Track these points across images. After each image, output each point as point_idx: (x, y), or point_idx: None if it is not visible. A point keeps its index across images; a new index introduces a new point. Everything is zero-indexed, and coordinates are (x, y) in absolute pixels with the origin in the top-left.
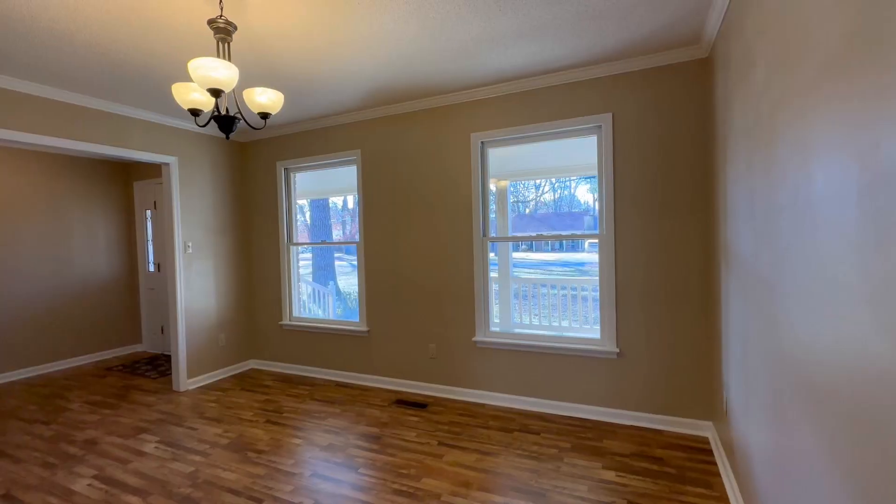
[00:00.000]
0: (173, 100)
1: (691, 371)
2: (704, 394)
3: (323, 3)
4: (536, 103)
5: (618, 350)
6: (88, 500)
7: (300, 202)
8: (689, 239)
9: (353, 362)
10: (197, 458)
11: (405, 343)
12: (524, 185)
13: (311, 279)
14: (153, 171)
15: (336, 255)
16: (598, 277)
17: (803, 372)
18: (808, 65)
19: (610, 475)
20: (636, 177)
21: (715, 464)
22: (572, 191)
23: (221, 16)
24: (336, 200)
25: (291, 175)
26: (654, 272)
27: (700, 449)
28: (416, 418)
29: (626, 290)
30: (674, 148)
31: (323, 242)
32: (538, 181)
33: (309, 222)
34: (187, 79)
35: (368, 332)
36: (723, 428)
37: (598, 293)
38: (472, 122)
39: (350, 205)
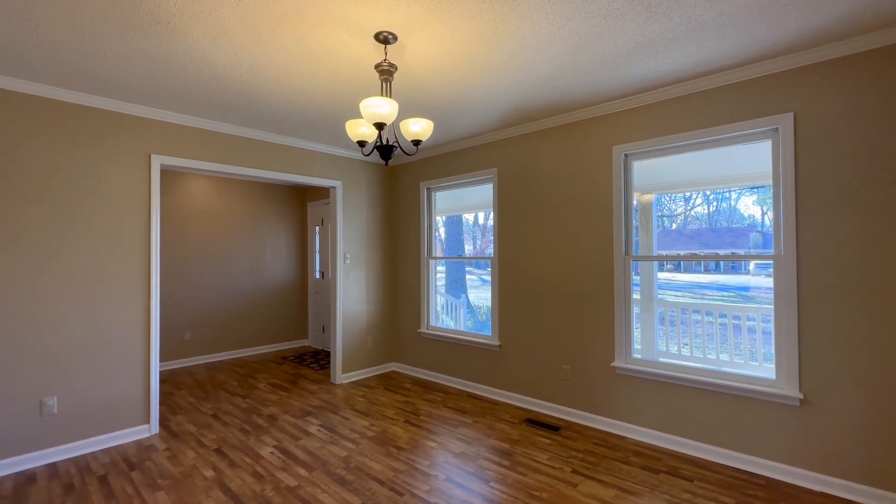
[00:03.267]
0: (342, 133)
1: None
2: None
3: (468, 36)
4: (691, 109)
5: (801, 396)
6: (271, 465)
7: (437, 219)
8: None
9: (484, 375)
10: (349, 444)
11: (537, 361)
12: (671, 197)
13: (444, 291)
14: (322, 193)
15: (467, 268)
16: (770, 305)
17: None
18: None
19: None
20: (828, 186)
21: None
22: (732, 203)
23: (385, 60)
24: (468, 217)
25: (433, 194)
26: (855, 303)
27: None
28: (547, 440)
29: (811, 323)
30: (884, 148)
31: (459, 257)
32: (688, 193)
33: (443, 237)
34: (353, 116)
35: (500, 346)
36: None
37: (769, 324)
38: (613, 134)
39: (481, 221)
